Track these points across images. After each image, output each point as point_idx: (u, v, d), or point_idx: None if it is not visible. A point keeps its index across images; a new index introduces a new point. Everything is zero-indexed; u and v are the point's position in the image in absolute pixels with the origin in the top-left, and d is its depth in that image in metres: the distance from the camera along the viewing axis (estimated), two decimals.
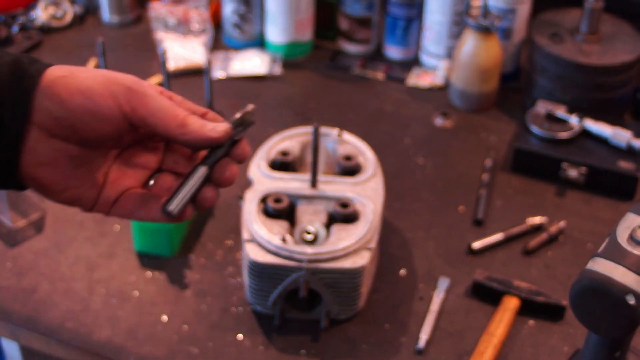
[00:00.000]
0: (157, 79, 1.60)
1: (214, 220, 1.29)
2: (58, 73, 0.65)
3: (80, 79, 0.65)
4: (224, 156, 0.67)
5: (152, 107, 0.65)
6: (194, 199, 0.66)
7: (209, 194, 0.67)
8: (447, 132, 1.52)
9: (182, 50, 1.67)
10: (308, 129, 1.25)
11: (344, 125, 1.43)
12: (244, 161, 0.69)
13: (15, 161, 0.64)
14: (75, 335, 1.11)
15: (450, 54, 1.62)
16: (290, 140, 1.25)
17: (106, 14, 1.79)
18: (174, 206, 0.65)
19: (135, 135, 0.69)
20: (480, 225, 1.30)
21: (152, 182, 0.70)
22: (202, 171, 0.66)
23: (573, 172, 1.36)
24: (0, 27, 1.71)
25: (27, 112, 0.63)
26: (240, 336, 1.12)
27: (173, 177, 0.70)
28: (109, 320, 1.13)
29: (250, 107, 0.70)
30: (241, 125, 0.69)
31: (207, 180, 0.67)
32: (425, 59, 1.67)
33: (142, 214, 0.69)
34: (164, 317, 1.14)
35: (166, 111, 0.65)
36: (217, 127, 0.66)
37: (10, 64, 0.64)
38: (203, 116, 0.69)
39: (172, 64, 1.63)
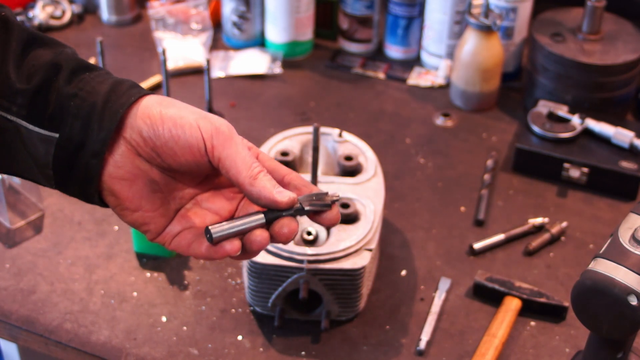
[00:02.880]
0: (156, 78, 1.60)
1: None
2: (157, 99, 0.70)
3: (175, 108, 0.69)
4: (288, 216, 0.69)
5: (231, 152, 0.68)
6: (242, 236, 0.68)
7: (259, 237, 0.68)
8: (448, 131, 1.51)
9: (182, 50, 1.67)
10: (308, 129, 1.25)
11: (344, 125, 1.43)
12: (329, 226, 0.72)
13: (98, 168, 0.68)
14: (74, 336, 1.11)
15: (451, 53, 1.61)
16: (290, 140, 1.24)
17: (105, 13, 1.78)
18: (216, 228, 0.67)
19: (217, 181, 0.73)
20: (481, 226, 1.29)
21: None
22: (258, 216, 0.68)
23: (575, 172, 1.36)
24: None
25: (118, 124, 0.68)
26: (239, 337, 1.11)
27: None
28: (108, 321, 1.13)
29: (335, 194, 0.72)
30: (316, 202, 0.70)
31: (263, 227, 0.69)
32: (426, 58, 1.67)
33: (193, 250, 0.71)
34: (163, 318, 1.13)
35: (244, 160, 0.68)
36: (284, 192, 0.69)
37: (112, 84, 0.69)
38: (284, 178, 0.72)
39: (172, 64, 1.63)
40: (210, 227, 0.67)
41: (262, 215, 0.68)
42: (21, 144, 0.69)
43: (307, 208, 0.70)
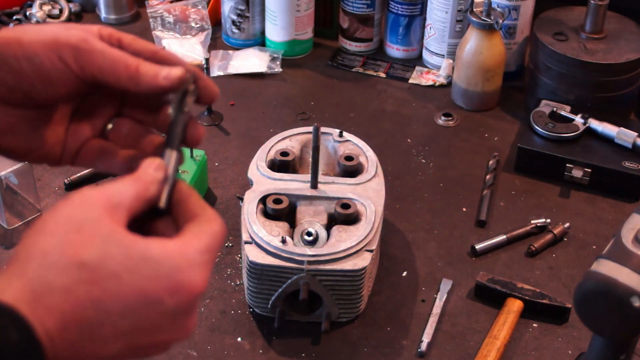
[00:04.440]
0: None
1: None
2: (5, 38, 0.63)
3: (25, 45, 0.63)
4: (184, 126, 0.64)
5: (100, 63, 0.63)
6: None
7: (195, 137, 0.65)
8: (449, 131, 1.50)
9: (180, 49, 1.66)
10: (308, 129, 1.24)
11: (344, 125, 1.42)
12: (199, 142, 0.66)
13: None
14: None
15: (452, 53, 1.61)
16: (290, 140, 1.24)
17: (103, 11, 1.77)
18: (163, 202, 0.61)
19: (91, 86, 0.68)
20: (483, 226, 1.29)
21: (110, 126, 0.69)
22: (175, 157, 0.63)
23: (577, 173, 1.35)
24: None
25: None
26: (239, 339, 1.10)
27: (131, 122, 0.69)
28: None
29: (184, 72, 0.65)
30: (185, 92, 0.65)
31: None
32: (427, 57, 1.66)
33: (103, 166, 0.68)
34: None
35: (116, 64, 0.63)
36: (170, 75, 0.64)
37: None
38: (155, 55, 0.66)
39: None
40: (159, 206, 0.60)
41: (175, 152, 0.62)
42: None
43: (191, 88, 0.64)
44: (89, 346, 0.54)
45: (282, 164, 1.20)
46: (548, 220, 1.28)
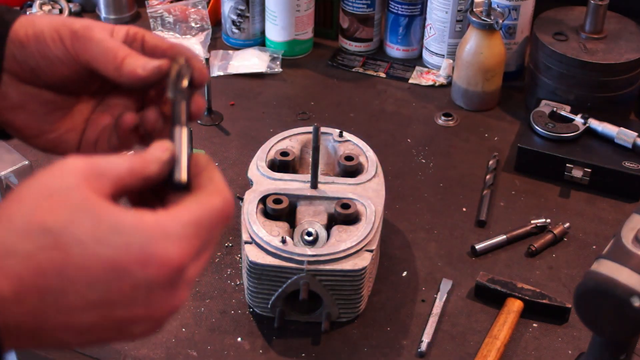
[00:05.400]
0: None
1: None
2: (26, 19, 0.67)
3: (37, 24, 0.66)
4: (188, 104, 0.64)
5: (94, 51, 0.65)
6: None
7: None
8: (449, 131, 1.50)
9: None
10: (308, 129, 1.24)
11: (344, 125, 1.42)
12: (200, 113, 0.67)
13: None
14: None
15: (452, 53, 1.61)
16: (290, 140, 1.24)
17: (103, 11, 1.77)
18: (183, 176, 0.59)
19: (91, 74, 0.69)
20: (483, 227, 1.29)
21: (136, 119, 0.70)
22: (185, 132, 0.62)
23: (577, 173, 1.35)
24: None
25: (0, 62, 0.66)
26: (239, 339, 1.10)
27: (156, 114, 0.69)
28: None
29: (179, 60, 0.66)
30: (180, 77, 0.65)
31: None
32: (427, 57, 1.66)
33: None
34: None
35: (107, 54, 0.65)
36: (146, 65, 0.65)
37: None
38: (166, 50, 0.67)
39: None
40: (175, 179, 0.59)
41: (186, 129, 0.62)
42: None
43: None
44: (54, 315, 0.52)
45: (282, 164, 1.20)
46: (548, 220, 1.28)
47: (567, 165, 1.35)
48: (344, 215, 1.11)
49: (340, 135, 1.24)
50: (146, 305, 0.54)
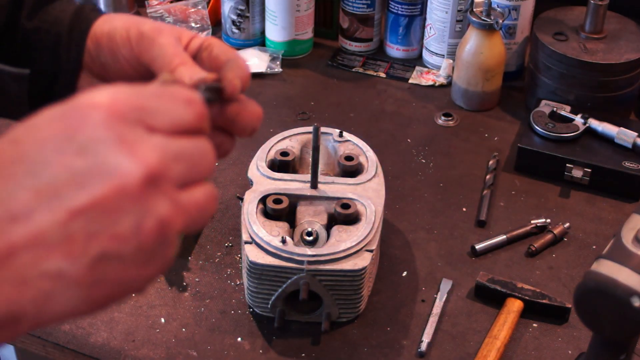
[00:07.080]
0: None
1: (213, 222, 1.28)
2: (105, 18, 0.69)
3: (113, 22, 0.68)
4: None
5: (154, 54, 0.66)
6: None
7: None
8: (449, 131, 1.50)
9: None
10: (308, 129, 1.24)
11: (344, 125, 1.42)
12: (255, 123, 0.68)
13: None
14: (72, 337, 1.10)
15: (452, 52, 1.61)
16: (290, 140, 1.23)
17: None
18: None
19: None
20: (483, 227, 1.29)
21: None
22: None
23: (577, 173, 1.35)
24: None
25: (80, 56, 0.68)
26: (239, 339, 1.10)
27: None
28: (107, 322, 1.12)
29: (210, 75, 0.64)
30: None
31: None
32: (427, 57, 1.66)
33: None
34: (162, 320, 1.12)
35: (163, 58, 0.66)
36: (193, 76, 0.64)
37: (74, 11, 0.70)
38: (224, 64, 0.67)
39: None
40: None
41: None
42: None
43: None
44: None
45: (282, 164, 1.20)
46: (548, 220, 1.28)
47: (567, 165, 1.35)
48: (344, 215, 1.11)
49: (340, 135, 1.24)
50: (93, 172, 0.45)
